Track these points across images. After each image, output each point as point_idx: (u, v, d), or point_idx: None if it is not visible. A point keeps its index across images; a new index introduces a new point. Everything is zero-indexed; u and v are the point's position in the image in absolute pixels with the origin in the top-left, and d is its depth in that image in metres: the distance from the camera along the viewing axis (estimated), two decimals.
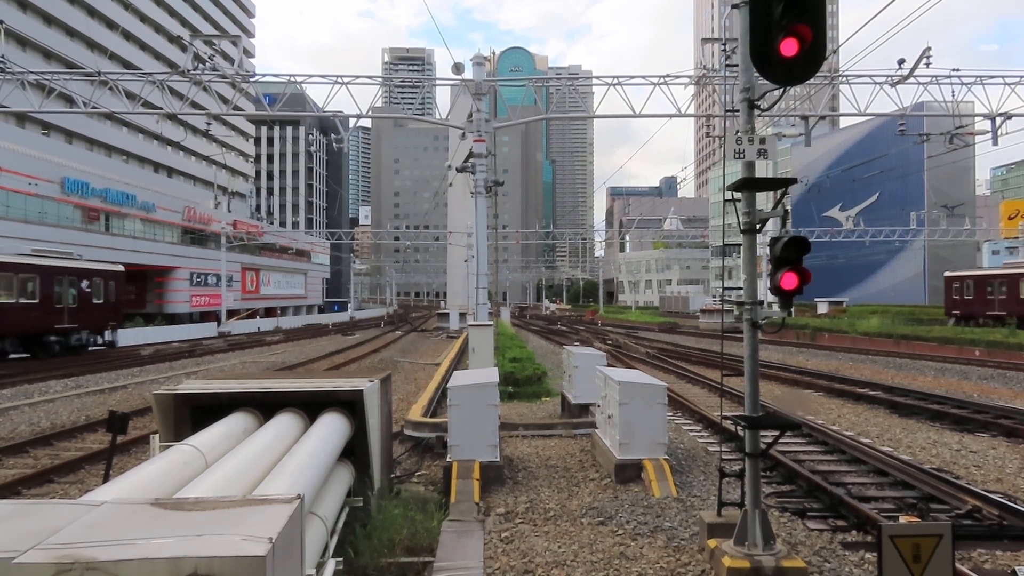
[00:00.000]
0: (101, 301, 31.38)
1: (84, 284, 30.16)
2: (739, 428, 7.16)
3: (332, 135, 25.12)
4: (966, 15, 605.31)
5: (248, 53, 78.86)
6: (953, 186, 78.35)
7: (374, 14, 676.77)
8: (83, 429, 13.16)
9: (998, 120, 23.79)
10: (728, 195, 5.87)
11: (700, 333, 44.85)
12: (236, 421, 5.94)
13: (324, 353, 31.17)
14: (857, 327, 36.26)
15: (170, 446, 5.15)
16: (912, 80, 22.85)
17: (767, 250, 5.87)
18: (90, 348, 31.32)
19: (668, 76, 22.95)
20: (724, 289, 7.54)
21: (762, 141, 5.63)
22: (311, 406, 6.52)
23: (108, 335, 32.90)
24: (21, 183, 46.14)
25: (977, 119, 25.17)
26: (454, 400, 8.77)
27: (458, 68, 20.40)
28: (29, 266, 27.01)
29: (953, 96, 23.85)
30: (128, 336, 37.38)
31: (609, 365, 13.34)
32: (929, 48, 22.31)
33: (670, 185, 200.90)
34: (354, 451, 6.67)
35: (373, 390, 6.67)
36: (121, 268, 34.88)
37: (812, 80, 19.55)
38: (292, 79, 24.09)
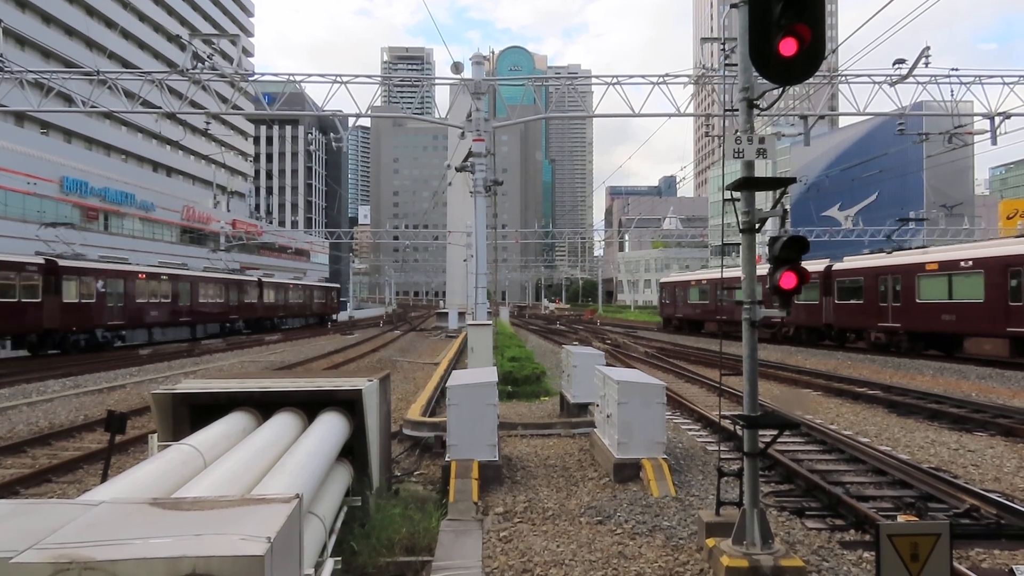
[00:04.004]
0: (330, 302, 68.20)
1: (329, 293, 68.66)
2: (738, 427, 7.16)
3: (331, 134, 25.12)
4: (967, 12, 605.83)
5: (247, 52, 78.83)
6: (952, 186, 78.43)
7: (371, 12, 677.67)
8: (81, 429, 13.13)
9: (997, 120, 23.83)
10: (727, 194, 5.87)
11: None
12: (235, 421, 5.94)
13: (323, 352, 31.15)
14: None
15: (168, 446, 5.14)
16: (911, 80, 22.90)
17: (766, 249, 5.87)
18: (328, 323, 64.92)
19: (667, 75, 22.98)
20: (723, 289, 7.54)
21: (761, 140, 5.63)
22: (310, 405, 6.51)
23: (334, 317, 68.93)
24: (20, 182, 46.10)
25: (976, 119, 25.20)
26: (453, 399, 8.76)
27: (457, 67, 20.41)
28: (324, 287, 68.87)
29: (952, 96, 23.90)
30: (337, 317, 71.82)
31: (608, 364, 13.34)
32: (928, 48, 22.37)
33: (669, 184, 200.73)
34: (353, 450, 6.66)
35: (372, 389, 6.66)
36: (338, 285, 77.40)
37: (811, 80, 19.59)
38: (291, 78, 24.09)
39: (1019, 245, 22.98)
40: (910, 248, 31.27)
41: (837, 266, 30.70)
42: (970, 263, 23.89)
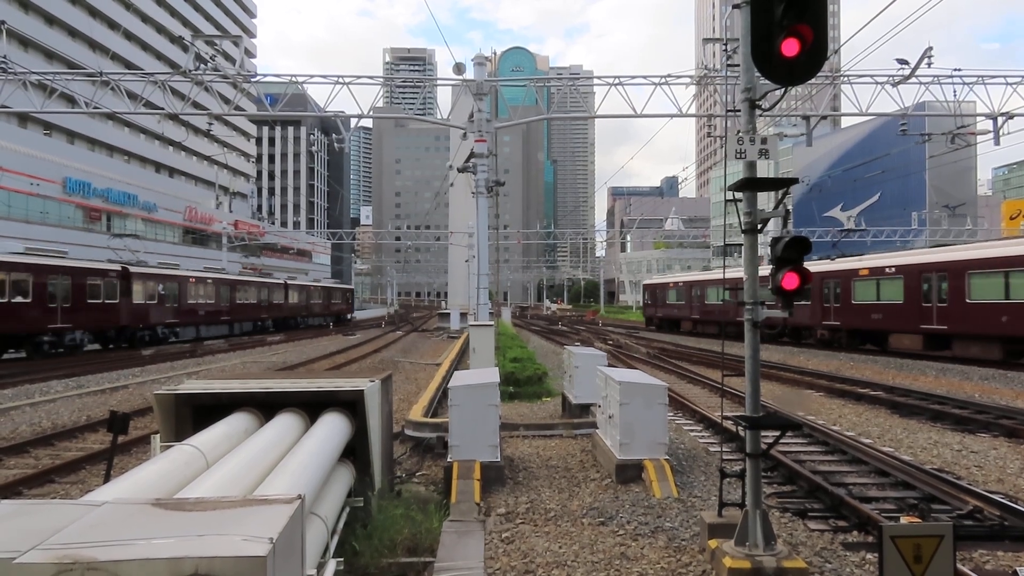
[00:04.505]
0: (345, 303, 71.46)
1: (344, 294, 72.02)
2: (740, 428, 7.15)
3: (333, 135, 25.15)
4: (969, 12, 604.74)
5: (249, 53, 78.92)
6: (955, 186, 78.36)
7: (373, 13, 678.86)
8: (84, 429, 13.15)
9: (1000, 120, 23.78)
10: (729, 195, 5.86)
11: (701, 333, 44.82)
12: (237, 421, 5.94)
13: (325, 353, 31.17)
14: None
15: (171, 446, 5.14)
16: (914, 80, 22.86)
17: (768, 250, 5.87)
18: (341, 321, 67.62)
19: (669, 76, 22.97)
20: (725, 289, 7.52)
21: (763, 141, 5.62)
22: (312, 406, 6.51)
23: (348, 316, 71.88)
24: (23, 183, 46.22)
25: (979, 119, 25.15)
26: (455, 400, 8.76)
27: (459, 68, 20.41)
28: (340, 288, 72.26)
29: (955, 96, 23.85)
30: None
31: (610, 365, 13.33)
32: (931, 48, 22.32)
33: (671, 185, 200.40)
34: (355, 451, 6.66)
35: (374, 390, 6.66)
36: (352, 287, 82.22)
37: (813, 80, 19.55)
38: (293, 79, 24.10)
39: (932, 254, 25.94)
40: (851, 255, 32.65)
41: None
42: (893, 269, 26.96)
